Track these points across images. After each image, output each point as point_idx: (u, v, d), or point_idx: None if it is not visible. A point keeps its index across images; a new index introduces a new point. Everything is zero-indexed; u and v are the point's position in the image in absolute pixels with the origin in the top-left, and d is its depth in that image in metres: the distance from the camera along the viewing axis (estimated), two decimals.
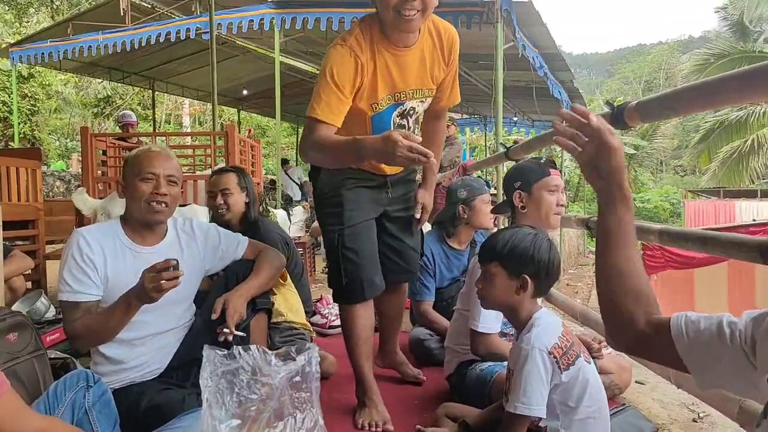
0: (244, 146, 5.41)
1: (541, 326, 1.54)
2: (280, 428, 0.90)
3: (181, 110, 22.47)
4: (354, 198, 2.10)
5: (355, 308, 2.11)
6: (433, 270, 2.89)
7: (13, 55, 9.30)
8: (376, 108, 1.96)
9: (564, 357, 1.49)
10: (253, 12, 7.49)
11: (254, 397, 0.90)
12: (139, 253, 1.85)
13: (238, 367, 0.91)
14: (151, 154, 1.87)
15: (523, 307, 1.60)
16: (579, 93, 10.69)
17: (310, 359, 0.94)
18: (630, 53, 76.39)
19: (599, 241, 1.05)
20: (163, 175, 1.83)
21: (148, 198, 1.81)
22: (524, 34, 6.76)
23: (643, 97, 1.71)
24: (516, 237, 1.61)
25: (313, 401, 0.93)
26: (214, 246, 2.03)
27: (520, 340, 1.55)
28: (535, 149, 3.09)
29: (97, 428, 1.49)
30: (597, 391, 1.53)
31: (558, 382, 1.48)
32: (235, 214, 2.90)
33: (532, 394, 1.45)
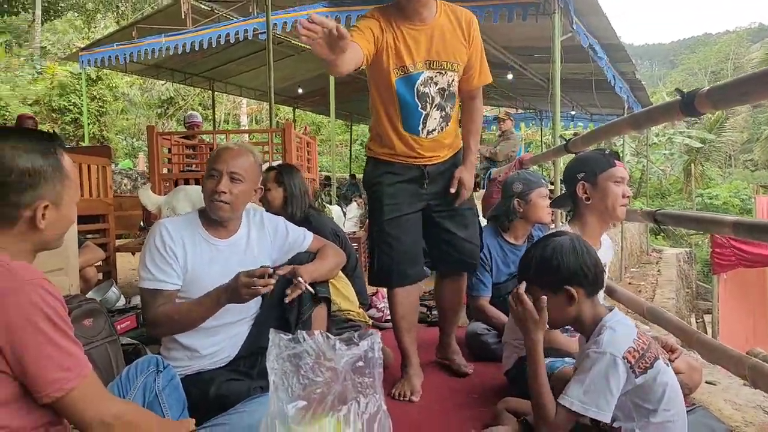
0: (301, 143, 5.50)
1: (615, 329, 1.47)
2: (344, 412, 0.91)
3: (239, 110, 23.07)
4: (392, 193, 2.26)
5: (392, 291, 2.33)
6: (489, 265, 2.86)
7: (82, 59, 9.74)
8: (399, 73, 2.14)
9: (640, 361, 1.42)
10: (308, 11, 7.59)
11: (319, 380, 0.91)
12: (215, 245, 1.91)
13: (302, 350, 0.93)
14: (224, 150, 1.92)
15: (584, 315, 1.55)
16: (641, 85, 10.29)
17: (372, 345, 0.94)
18: (695, 43, 73.09)
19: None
20: (226, 172, 1.85)
21: (209, 195, 1.86)
22: (583, 24, 6.57)
23: (716, 83, 1.63)
24: (538, 253, 1.57)
25: (376, 386, 0.94)
26: (282, 239, 2.08)
27: (590, 342, 1.49)
28: (597, 141, 3.00)
29: (167, 411, 1.54)
30: (675, 395, 1.46)
31: (632, 386, 1.42)
32: (275, 209, 2.96)
33: (593, 395, 1.40)
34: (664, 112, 1.98)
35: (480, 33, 2.25)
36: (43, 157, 1.17)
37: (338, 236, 3.12)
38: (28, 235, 1.18)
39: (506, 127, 6.94)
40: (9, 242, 1.16)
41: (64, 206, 1.22)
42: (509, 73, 10.34)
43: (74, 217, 1.29)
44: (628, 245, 11.56)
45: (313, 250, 2.11)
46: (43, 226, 1.18)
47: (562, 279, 1.52)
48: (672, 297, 9.02)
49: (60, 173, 1.20)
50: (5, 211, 1.15)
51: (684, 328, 2.12)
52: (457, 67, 2.20)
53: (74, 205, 1.27)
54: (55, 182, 1.19)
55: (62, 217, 1.23)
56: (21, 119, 5.81)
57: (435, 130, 2.24)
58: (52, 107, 15.01)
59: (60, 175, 1.20)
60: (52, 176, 1.18)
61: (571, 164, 2.12)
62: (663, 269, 11.62)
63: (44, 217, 1.17)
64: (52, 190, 1.18)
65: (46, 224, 1.18)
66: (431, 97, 2.19)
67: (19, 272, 1.10)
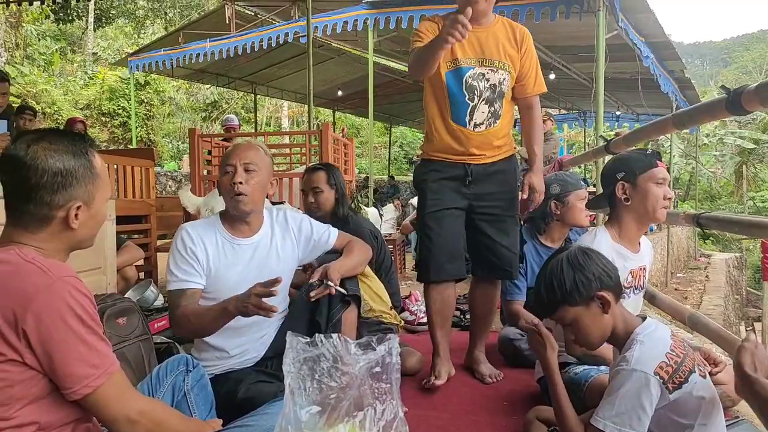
0: (338, 145, 5.52)
1: (645, 343, 1.40)
2: (359, 418, 0.89)
3: (280, 113, 23.40)
4: (436, 189, 2.35)
5: (428, 286, 2.40)
6: (524, 269, 2.79)
7: (131, 64, 10.07)
8: (450, 66, 2.26)
9: (674, 376, 1.34)
10: (348, 14, 7.64)
11: (334, 385, 0.90)
12: (238, 245, 1.92)
13: (319, 354, 0.91)
14: (235, 147, 1.94)
15: (616, 323, 1.48)
16: (691, 84, 9.95)
17: (390, 350, 0.92)
18: (749, 40, 70.22)
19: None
20: (240, 164, 1.86)
21: (227, 190, 1.87)
22: (629, 21, 6.40)
23: (764, 80, 1.54)
24: (551, 275, 1.50)
25: (394, 392, 0.91)
26: (307, 237, 2.07)
27: (621, 357, 1.42)
28: (639, 141, 2.90)
29: (194, 410, 1.55)
30: (713, 408, 1.38)
31: (666, 402, 1.35)
32: (325, 211, 2.96)
33: (625, 416, 1.33)
34: (709, 111, 1.89)
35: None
36: (75, 157, 1.20)
37: (376, 238, 3.12)
38: (62, 234, 1.21)
39: (546, 128, 6.77)
40: (43, 242, 1.19)
41: (96, 205, 1.25)
42: (552, 73, 10.17)
43: (105, 216, 1.32)
44: (675, 250, 11.19)
45: (338, 247, 2.10)
46: (76, 226, 1.20)
47: (587, 288, 1.45)
48: (719, 304, 8.68)
49: (91, 173, 1.22)
50: (40, 211, 1.17)
51: (725, 337, 2.02)
52: (508, 67, 2.29)
53: (105, 205, 1.29)
54: (87, 182, 1.21)
55: (94, 216, 1.25)
56: (71, 122, 6.02)
57: (482, 124, 2.29)
58: (102, 111, 15.55)
59: (91, 175, 1.22)
60: (83, 176, 1.21)
61: (610, 164, 2.04)
62: (711, 275, 11.20)
63: (77, 217, 1.20)
64: (84, 190, 1.21)
65: (79, 224, 1.21)
66: (480, 90, 2.27)
67: (51, 270, 1.12)
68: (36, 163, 1.15)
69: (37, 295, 1.09)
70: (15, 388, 1.08)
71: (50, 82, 14.91)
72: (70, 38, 18.82)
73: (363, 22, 7.49)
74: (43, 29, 16.75)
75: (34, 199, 1.16)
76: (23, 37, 15.38)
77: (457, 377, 2.45)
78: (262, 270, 1.89)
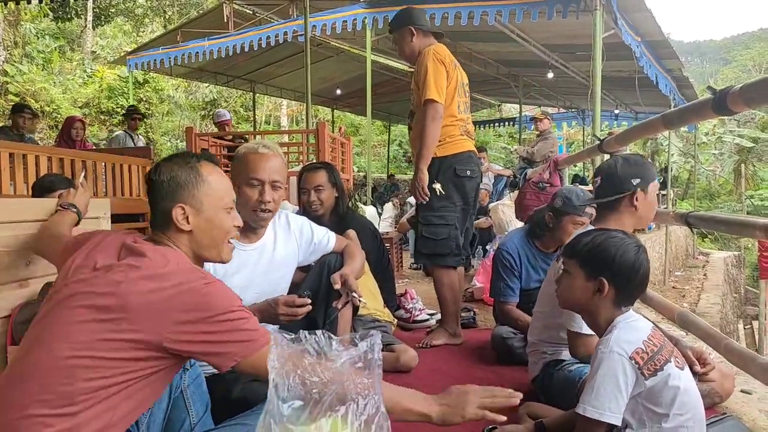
0: (335, 143, 5.54)
1: (623, 329, 1.45)
2: (342, 412, 0.91)
3: (279, 111, 23.40)
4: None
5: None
6: (518, 271, 2.82)
7: (130, 62, 10.07)
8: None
9: (649, 363, 1.38)
10: (346, 12, 7.65)
11: (317, 380, 0.92)
12: (243, 250, 1.92)
13: (303, 349, 0.94)
14: (258, 157, 1.89)
15: (600, 313, 1.53)
16: (689, 82, 9.96)
17: (372, 346, 0.94)
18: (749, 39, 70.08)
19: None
20: (269, 181, 1.87)
21: (253, 205, 1.86)
22: (626, 20, 6.41)
23: (750, 80, 1.56)
24: (601, 238, 1.55)
25: (376, 387, 0.94)
26: (308, 241, 2.11)
27: (599, 342, 1.48)
28: (631, 141, 2.91)
29: (191, 408, 1.56)
30: (690, 399, 1.41)
31: (642, 389, 1.39)
32: (327, 209, 2.98)
33: (604, 398, 1.37)
34: (696, 111, 1.91)
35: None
36: (181, 167, 1.35)
37: (376, 237, 3.14)
38: (182, 237, 1.34)
39: (544, 127, 6.80)
40: (177, 242, 1.34)
41: (207, 212, 1.35)
42: (549, 72, 10.18)
43: (226, 225, 1.40)
44: (673, 248, 11.21)
45: (337, 250, 2.14)
46: (188, 228, 1.33)
47: (604, 270, 1.50)
48: (717, 302, 8.69)
49: (196, 180, 1.35)
50: (161, 214, 1.34)
51: (713, 335, 2.05)
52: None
53: (223, 214, 1.39)
54: (192, 188, 1.34)
55: (207, 222, 1.36)
56: (69, 121, 6.03)
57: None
58: (101, 109, 15.55)
59: (196, 182, 1.34)
60: (187, 182, 1.34)
61: (625, 168, 1.96)
62: (709, 273, 11.22)
63: (188, 220, 1.33)
64: (189, 195, 1.33)
65: (192, 227, 1.33)
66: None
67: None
68: (158, 174, 1.35)
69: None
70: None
71: (49, 81, 14.91)
72: (69, 36, 18.80)
73: (361, 21, 7.50)
74: (41, 27, 16.74)
75: (155, 207, 1.35)
76: (22, 36, 15.37)
77: (449, 372, 2.48)
78: (267, 274, 1.94)
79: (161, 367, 1.18)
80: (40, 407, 1.08)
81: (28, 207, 1.95)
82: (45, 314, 1.20)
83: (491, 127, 18.91)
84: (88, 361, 1.10)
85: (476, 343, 3.00)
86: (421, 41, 2.89)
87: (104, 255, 1.24)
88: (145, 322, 1.12)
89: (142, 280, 1.15)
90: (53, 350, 1.11)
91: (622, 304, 1.53)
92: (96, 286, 1.16)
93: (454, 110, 2.83)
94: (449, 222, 2.84)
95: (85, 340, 1.11)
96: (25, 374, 1.12)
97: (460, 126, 2.87)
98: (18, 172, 3.30)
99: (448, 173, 2.82)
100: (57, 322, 1.15)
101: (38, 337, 1.16)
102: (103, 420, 1.12)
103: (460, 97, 2.87)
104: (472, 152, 2.91)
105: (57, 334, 1.13)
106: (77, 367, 1.09)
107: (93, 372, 1.10)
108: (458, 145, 2.84)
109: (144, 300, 1.13)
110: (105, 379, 1.11)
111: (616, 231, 1.62)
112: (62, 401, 1.08)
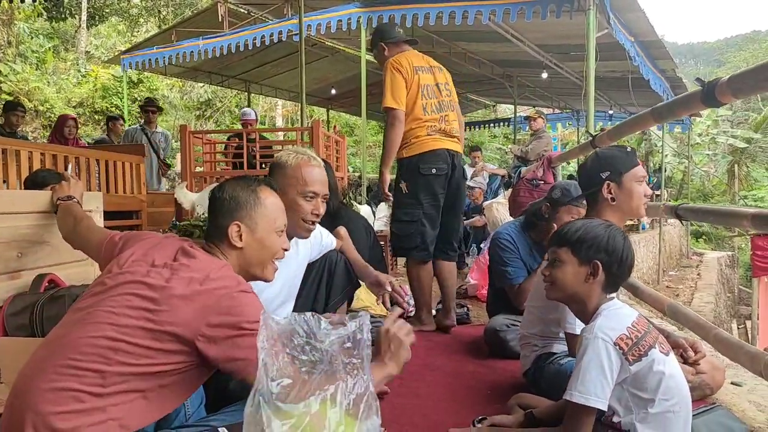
0: (329, 141, 5.54)
1: (607, 316, 1.47)
2: (330, 391, 0.91)
3: (275, 111, 23.38)
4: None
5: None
6: (517, 254, 2.82)
7: (124, 61, 10.02)
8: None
9: (633, 348, 1.40)
10: (340, 12, 7.64)
11: (306, 359, 0.93)
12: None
13: (292, 330, 0.94)
14: (314, 171, 1.94)
15: (591, 299, 1.55)
16: (682, 83, 10.00)
17: (361, 326, 0.95)
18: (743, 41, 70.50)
19: None
20: (322, 195, 1.96)
21: (306, 216, 1.92)
22: (619, 20, 6.44)
23: (737, 71, 1.58)
24: (589, 225, 1.60)
25: (365, 367, 0.94)
26: (319, 242, 2.23)
27: (584, 329, 1.49)
28: (623, 136, 2.93)
29: (187, 404, 1.56)
30: (675, 384, 1.42)
31: (627, 374, 1.40)
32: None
33: (590, 383, 1.38)
34: (686, 103, 1.93)
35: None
36: (242, 189, 1.47)
37: (369, 232, 3.16)
38: (232, 252, 1.44)
39: (537, 126, 6.83)
40: (227, 256, 1.44)
41: (260, 232, 1.46)
42: (544, 72, 10.21)
43: (276, 247, 1.50)
44: (667, 248, 11.26)
45: (337, 248, 2.29)
46: (240, 245, 1.43)
47: (598, 253, 1.53)
48: (710, 301, 8.74)
49: (254, 202, 1.46)
50: (217, 229, 1.45)
51: (702, 325, 2.06)
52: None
53: (274, 237, 1.49)
54: (249, 209, 1.45)
55: (258, 242, 1.46)
56: (62, 119, 6.02)
57: None
58: (95, 109, 15.50)
59: (254, 204, 1.46)
60: (245, 203, 1.45)
61: (593, 163, 2.01)
62: (703, 273, 11.28)
63: (241, 238, 1.43)
64: (246, 215, 1.44)
65: (244, 244, 1.43)
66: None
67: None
68: (221, 192, 1.48)
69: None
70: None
71: (43, 80, 14.85)
72: (63, 36, 18.73)
73: (356, 21, 7.50)
74: (35, 27, 16.67)
75: (213, 221, 1.46)
76: (15, 35, 15.31)
77: (442, 367, 2.49)
78: (287, 279, 2.01)
79: (189, 367, 1.25)
80: (74, 381, 1.15)
81: (19, 199, 1.95)
82: (95, 295, 1.29)
83: (486, 127, 18.91)
84: (126, 346, 1.18)
85: (469, 338, 3.01)
86: (392, 53, 3.12)
87: (162, 254, 1.35)
88: (183, 317, 1.20)
89: (188, 278, 1.26)
90: (98, 329, 1.20)
91: (609, 290, 1.55)
92: (149, 278, 1.26)
93: (419, 113, 2.97)
94: (414, 219, 2.99)
95: (127, 324, 1.20)
96: (66, 346, 1.20)
97: (427, 127, 2.99)
98: (11, 168, 3.29)
99: (413, 173, 2.98)
100: (106, 304, 1.24)
101: (84, 318, 1.24)
102: (129, 408, 1.19)
103: (425, 99, 2.99)
104: (440, 150, 2.99)
105: (104, 315, 1.22)
106: (116, 350, 1.18)
107: (129, 357, 1.18)
108: (423, 145, 2.98)
109: (186, 296, 1.22)
110: (137, 366, 1.19)
111: (599, 220, 1.65)
112: (96, 379, 1.16)
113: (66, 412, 1.14)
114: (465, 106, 15.89)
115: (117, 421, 1.18)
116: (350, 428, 0.90)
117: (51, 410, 1.13)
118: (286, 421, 0.87)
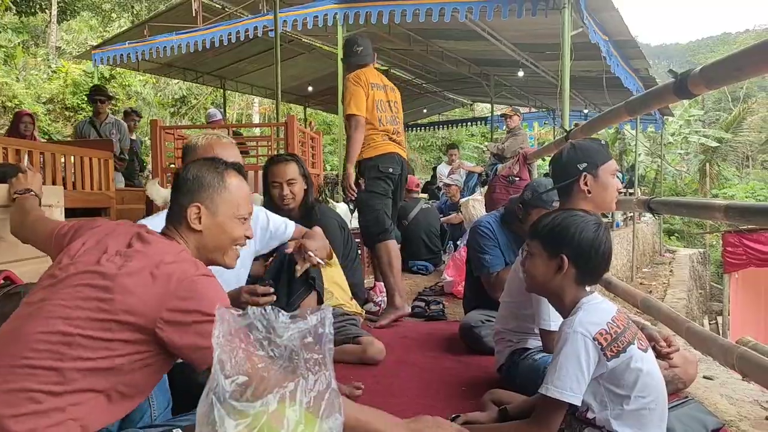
0: (304, 138, 5.48)
1: (587, 310, 1.44)
2: (290, 389, 0.87)
3: (251, 109, 23.16)
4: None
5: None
6: (497, 243, 2.79)
7: (95, 57, 9.81)
8: None
9: (612, 344, 1.38)
10: (317, 8, 7.57)
11: (264, 355, 0.88)
12: None
13: (250, 323, 0.89)
14: (226, 150, 1.93)
15: (565, 293, 1.51)
16: (656, 82, 10.14)
17: (323, 320, 0.90)
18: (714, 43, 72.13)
19: None
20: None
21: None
22: (593, 19, 6.48)
23: (708, 62, 1.57)
24: (561, 217, 1.55)
25: (327, 363, 0.90)
26: (263, 228, 2.10)
27: (563, 323, 1.47)
28: (598, 129, 2.93)
29: (153, 405, 1.51)
30: (652, 381, 1.40)
31: (604, 370, 1.38)
32: (298, 201, 2.94)
33: (566, 378, 1.36)
34: (658, 96, 1.93)
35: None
36: (208, 170, 1.42)
37: (343, 229, 3.12)
38: (191, 235, 1.39)
39: (513, 124, 6.82)
40: (185, 239, 1.39)
41: (221, 216, 1.40)
42: (520, 71, 10.26)
43: (236, 233, 1.45)
44: (640, 245, 11.41)
45: (297, 236, 2.13)
46: (198, 228, 1.38)
47: (563, 247, 1.49)
48: (683, 297, 8.88)
49: (218, 185, 1.41)
50: (177, 209, 1.40)
51: (674, 318, 2.06)
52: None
53: (235, 223, 1.43)
54: (212, 191, 1.40)
55: (218, 226, 1.40)
56: (18, 116, 5.83)
57: None
58: (66, 105, 15.17)
59: (217, 186, 1.41)
60: (209, 185, 1.40)
61: (571, 153, 1.97)
62: (675, 270, 11.46)
63: (200, 220, 1.38)
64: (208, 197, 1.39)
65: (203, 227, 1.38)
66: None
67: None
68: (186, 172, 1.43)
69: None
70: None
71: (11, 75, 14.48)
72: (33, 31, 18.30)
73: (332, 17, 7.43)
74: (4, 22, 16.26)
75: (174, 201, 1.42)
76: None
77: (417, 363, 2.46)
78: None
79: (149, 357, 1.19)
80: (28, 381, 1.09)
81: None
82: (45, 288, 1.23)
83: (463, 126, 18.97)
84: (81, 339, 1.12)
85: (444, 334, 2.99)
86: (351, 69, 3.48)
87: (116, 242, 1.28)
88: (139, 305, 1.15)
89: (142, 265, 1.20)
90: (49, 324, 1.14)
91: (586, 283, 1.52)
92: (101, 267, 1.21)
93: (375, 123, 3.37)
94: (378, 208, 3.36)
95: (80, 316, 1.14)
96: (17, 344, 1.13)
97: (382, 134, 3.41)
98: None
99: (373, 171, 3.36)
100: (57, 297, 1.18)
101: (33, 313, 1.18)
102: (89, 407, 1.13)
103: (380, 112, 3.40)
104: (395, 154, 3.45)
105: (55, 308, 1.16)
106: (70, 345, 1.12)
107: (85, 351, 1.12)
108: (380, 148, 3.38)
109: (140, 283, 1.17)
110: (95, 361, 1.13)
111: (577, 211, 1.61)
112: (52, 377, 1.10)
113: (22, 414, 1.08)
114: (442, 105, 15.93)
115: (77, 421, 1.12)
116: (311, 427, 0.85)
117: (5, 413, 1.07)
118: (241, 421, 0.82)
